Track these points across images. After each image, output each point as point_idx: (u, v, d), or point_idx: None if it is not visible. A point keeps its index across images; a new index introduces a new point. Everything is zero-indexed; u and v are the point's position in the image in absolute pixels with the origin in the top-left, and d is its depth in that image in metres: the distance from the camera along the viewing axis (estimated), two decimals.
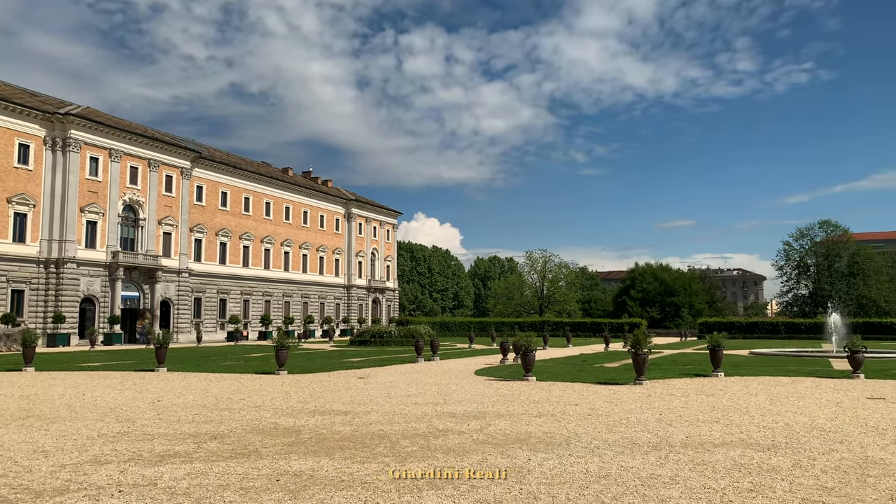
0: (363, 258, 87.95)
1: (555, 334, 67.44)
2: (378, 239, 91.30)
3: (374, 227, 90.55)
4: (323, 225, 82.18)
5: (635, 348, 18.18)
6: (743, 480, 7.05)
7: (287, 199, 76.89)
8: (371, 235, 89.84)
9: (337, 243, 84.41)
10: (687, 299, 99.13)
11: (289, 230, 76.80)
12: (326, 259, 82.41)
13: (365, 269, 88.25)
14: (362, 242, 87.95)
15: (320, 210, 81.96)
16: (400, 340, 45.03)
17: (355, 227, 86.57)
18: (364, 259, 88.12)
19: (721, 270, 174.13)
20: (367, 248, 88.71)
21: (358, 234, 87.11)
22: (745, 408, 12.95)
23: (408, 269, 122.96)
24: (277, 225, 75.15)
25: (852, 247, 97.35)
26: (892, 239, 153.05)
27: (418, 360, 27.59)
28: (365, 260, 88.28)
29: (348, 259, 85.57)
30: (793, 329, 68.49)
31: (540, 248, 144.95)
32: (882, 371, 21.43)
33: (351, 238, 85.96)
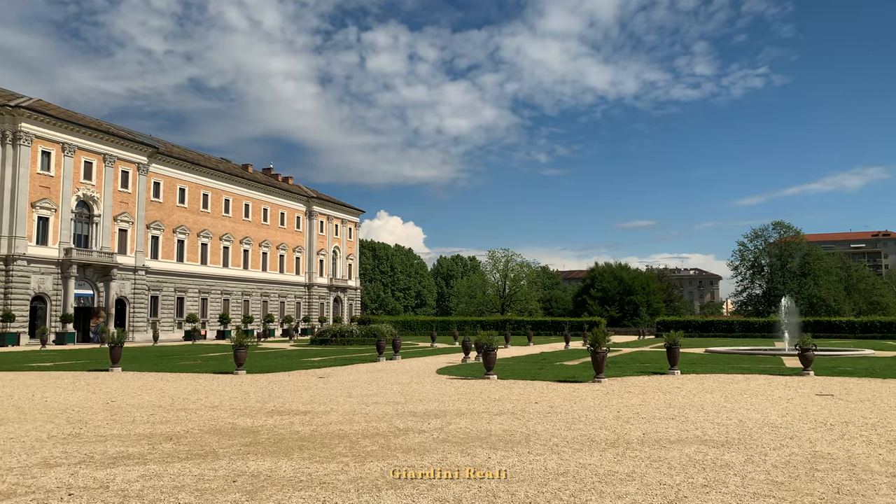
0: (325, 256, 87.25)
1: (516, 333, 67.89)
2: (340, 237, 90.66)
3: (335, 225, 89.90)
4: (283, 223, 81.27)
5: (594, 347, 18.40)
6: (697, 476, 7.19)
7: (247, 196, 75.83)
8: (333, 233, 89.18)
9: (298, 241, 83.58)
10: (645, 298, 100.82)
11: (248, 228, 75.76)
12: (287, 257, 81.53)
13: (326, 267, 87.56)
14: (324, 240, 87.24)
15: (281, 207, 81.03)
16: (361, 339, 44.82)
17: (317, 224, 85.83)
18: (325, 257, 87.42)
19: (678, 270, 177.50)
20: (328, 246, 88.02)
21: (319, 232, 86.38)
22: (700, 405, 13.21)
23: (370, 268, 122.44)
24: (237, 222, 74.07)
25: (804, 247, 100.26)
26: (841, 240, 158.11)
27: (380, 359, 27.49)
28: (326, 258, 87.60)
29: (309, 257, 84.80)
30: (747, 328, 70.15)
31: (502, 248, 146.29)
32: (831, 368, 22.09)
33: (312, 236, 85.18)
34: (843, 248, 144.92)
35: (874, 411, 12.23)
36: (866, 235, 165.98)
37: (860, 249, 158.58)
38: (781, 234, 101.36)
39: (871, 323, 67.10)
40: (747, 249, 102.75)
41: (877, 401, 13.79)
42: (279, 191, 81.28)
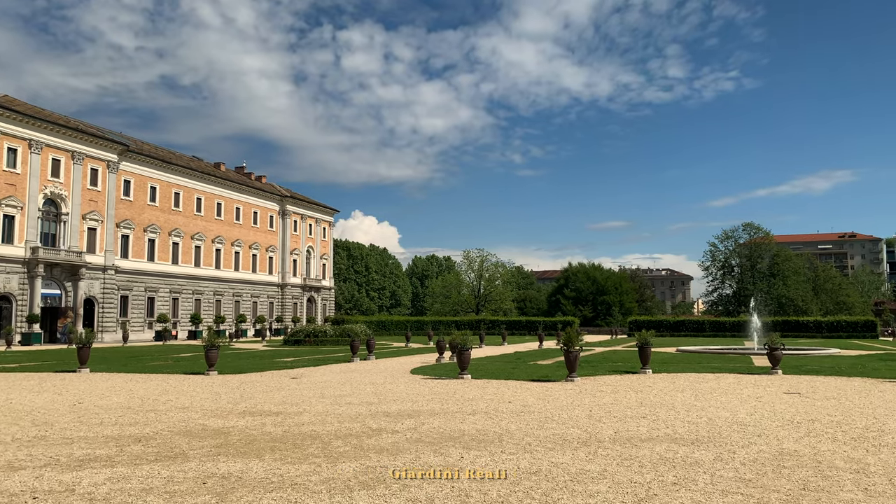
0: (298, 256, 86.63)
1: (491, 333, 68.03)
2: (314, 237, 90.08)
3: (309, 225, 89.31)
4: (256, 222, 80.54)
5: (567, 346, 18.51)
6: (668, 474, 7.27)
7: (219, 195, 75.00)
8: (307, 233, 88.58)
9: (271, 241, 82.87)
10: (618, 298, 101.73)
11: (221, 227, 74.94)
12: (260, 257, 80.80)
13: (300, 267, 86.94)
14: (297, 240, 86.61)
15: (254, 206, 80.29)
16: (335, 340, 44.60)
17: (290, 224, 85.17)
18: (299, 257, 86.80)
19: (651, 270, 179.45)
20: (302, 245, 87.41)
21: (293, 231, 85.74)
22: (671, 404, 13.36)
23: (344, 268, 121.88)
24: (209, 221, 73.21)
25: (773, 248, 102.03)
26: (809, 241, 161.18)
27: (353, 359, 27.37)
28: (300, 258, 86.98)
29: (283, 257, 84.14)
30: (718, 327, 71.11)
31: (477, 248, 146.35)
32: (798, 367, 22.49)
33: (285, 235, 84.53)
34: (811, 249, 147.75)
35: (839, 409, 12.47)
36: (833, 237, 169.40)
37: (827, 250, 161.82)
38: (751, 236, 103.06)
39: (838, 322, 68.48)
40: (718, 250, 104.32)
41: (842, 399, 14.07)
42: (252, 189, 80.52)
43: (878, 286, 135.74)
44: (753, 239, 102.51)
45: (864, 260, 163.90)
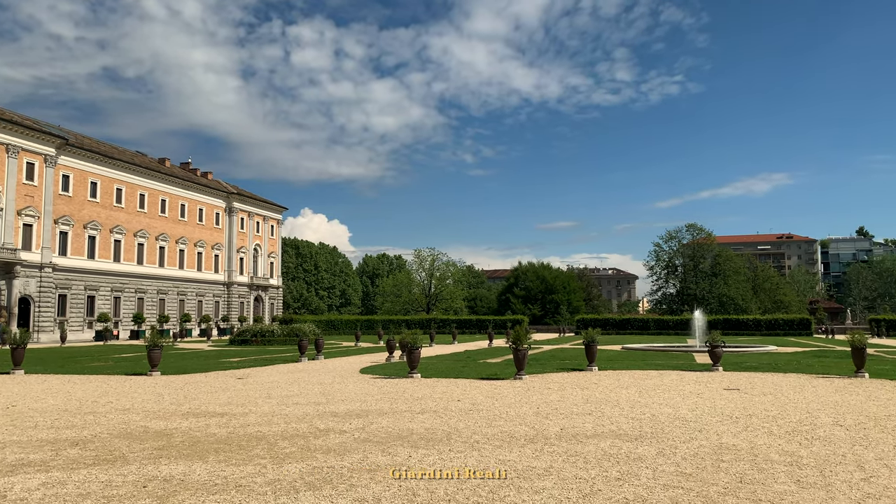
0: (245, 254, 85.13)
1: (441, 331, 68.20)
2: (261, 234, 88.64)
3: (257, 223, 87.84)
4: (202, 219, 78.79)
5: (516, 344, 18.69)
6: (612, 469, 7.41)
7: (164, 192, 73.09)
8: (254, 231, 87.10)
9: (217, 238, 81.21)
10: (566, 297, 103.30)
11: (165, 224, 73.05)
12: (205, 255, 79.08)
13: (247, 265, 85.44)
14: (244, 238, 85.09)
15: (199, 203, 78.52)
16: (283, 339, 44.01)
17: (237, 221, 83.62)
18: (246, 255, 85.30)
19: (598, 270, 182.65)
20: (249, 243, 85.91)
21: (240, 229, 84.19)
22: (616, 400, 13.62)
23: (293, 266, 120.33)
24: (152, 218, 71.28)
25: (715, 249, 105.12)
26: (749, 242, 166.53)
27: (302, 359, 27.05)
28: (247, 256, 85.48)
29: (229, 255, 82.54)
30: (662, 325, 72.87)
31: (428, 247, 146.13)
32: (738, 364, 23.21)
33: (232, 233, 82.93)
34: (751, 249, 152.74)
35: (775, 404, 12.93)
36: (771, 238, 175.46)
37: (766, 251, 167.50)
38: (694, 236, 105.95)
39: (775, 321, 71.01)
40: (662, 250, 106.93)
41: (778, 394, 14.58)
42: (198, 186, 78.74)
43: (812, 285, 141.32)
44: (696, 239, 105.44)
45: (800, 260, 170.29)
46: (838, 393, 14.76)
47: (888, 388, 15.80)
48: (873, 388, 15.62)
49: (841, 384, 16.69)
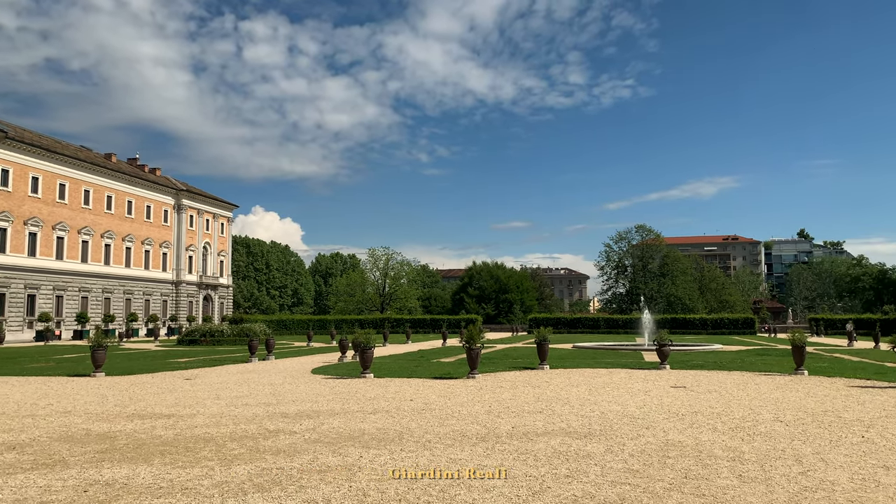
0: (194, 252, 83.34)
1: (395, 331, 68.04)
2: (211, 232, 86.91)
3: (206, 220, 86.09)
4: (149, 216, 76.81)
5: (469, 344, 18.78)
6: (561, 467, 7.51)
7: (110, 188, 70.98)
8: (203, 228, 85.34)
9: (165, 236, 79.30)
10: (519, 296, 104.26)
11: (111, 221, 70.96)
12: (153, 253, 77.14)
13: (196, 263, 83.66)
14: (193, 236, 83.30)
15: (147, 200, 76.54)
16: (233, 339, 43.27)
17: (186, 219, 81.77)
18: (195, 253, 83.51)
19: (550, 269, 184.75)
20: (198, 241, 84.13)
21: (189, 226, 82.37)
22: (566, 398, 13.81)
23: (244, 265, 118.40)
24: (98, 215, 69.15)
25: (663, 250, 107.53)
26: (696, 243, 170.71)
27: (252, 359, 26.63)
28: (196, 254, 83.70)
29: (177, 253, 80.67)
30: (612, 324, 74.19)
31: (383, 246, 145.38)
32: (685, 362, 23.79)
33: (181, 231, 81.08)
34: (698, 250, 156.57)
35: (720, 401, 13.29)
36: (718, 239, 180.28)
37: (712, 252, 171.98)
38: (643, 237, 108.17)
39: (721, 320, 73.05)
40: (612, 251, 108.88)
41: (722, 391, 15.00)
42: (146, 182, 76.73)
43: (756, 286, 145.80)
44: (645, 240, 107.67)
45: (744, 261, 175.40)
46: (779, 390, 15.25)
47: (826, 384, 16.41)
48: (812, 385, 16.19)
49: (782, 381, 17.25)
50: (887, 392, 14.71)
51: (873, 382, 16.79)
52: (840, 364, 23.15)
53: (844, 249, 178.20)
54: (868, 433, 9.59)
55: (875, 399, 13.49)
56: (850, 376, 18.34)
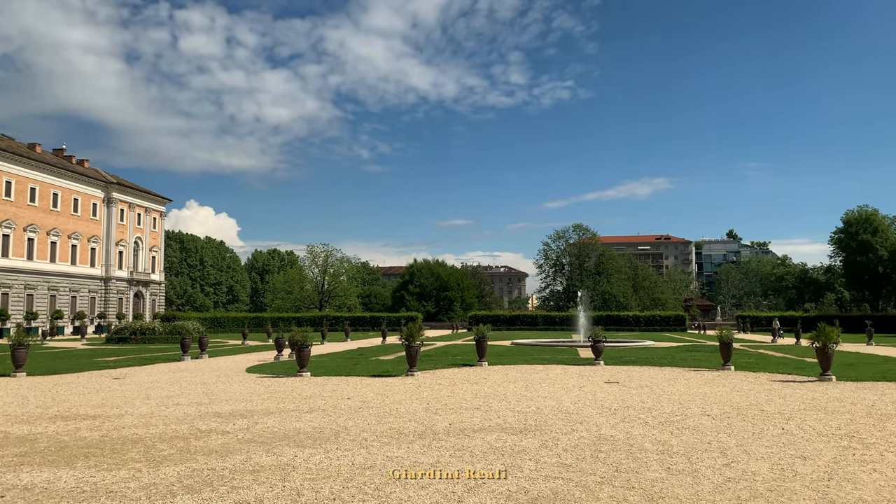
0: (125, 247, 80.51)
1: (334, 329, 67.39)
2: (143, 227, 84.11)
3: (138, 214, 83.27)
4: (77, 209, 73.75)
5: (408, 341, 18.76)
6: (496, 462, 7.58)
7: (33, 179, 67.79)
8: (135, 223, 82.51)
9: (94, 230, 76.30)
10: (460, 294, 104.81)
11: (35, 214, 67.81)
12: (80, 247, 74.12)
13: (126, 259, 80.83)
14: (124, 230, 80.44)
15: (74, 193, 73.45)
16: (165, 338, 42.03)
17: (116, 213, 78.87)
18: (126, 248, 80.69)
19: (490, 267, 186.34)
20: (129, 236, 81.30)
21: (119, 220, 79.48)
22: (503, 394, 13.96)
23: (177, 261, 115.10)
24: (20, 207, 65.98)
25: (599, 248, 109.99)
26: (630, 242, 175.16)
27: (184, 358, 25.92)
28: (127, 249, 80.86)
29: (107, 248, 77.76)
30: (549, 321, 75.42)
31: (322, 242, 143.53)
32: (618, 358, 24.38)
33: (111, 225, 78.16)
34: (632, 249, 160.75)
35: (651, 396, 13.68)
36: (651, 239, 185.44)
37: (646, 251, 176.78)
38: (580, 236, 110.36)
39: (654, 317, 75.23)
40: (551, 249, 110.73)
41: (654, 387, 15.44)
42: (73, 174, 73.62)
43: (687, 284, 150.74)
44: (582, 239, 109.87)
45: (676, 260, 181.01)
46: (707, 385, 15.81)
47: (751, 379, 17.10)
48: (738, 380, 16.84)
49: (710, 376, 17.88)
50: (806, 386, 15.43)
51: (794, 377, 17.59)
52: (764, 360, 24.15)
53: (770, 250, 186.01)
54: (788, 425, 10.03)
55: (795, 393, 14.13)
56: (773, 371, 19.16)
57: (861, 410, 11.53)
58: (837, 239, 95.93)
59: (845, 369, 19.14)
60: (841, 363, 20.81)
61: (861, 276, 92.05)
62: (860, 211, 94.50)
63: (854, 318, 61.83)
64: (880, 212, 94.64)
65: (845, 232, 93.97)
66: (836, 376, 16.73)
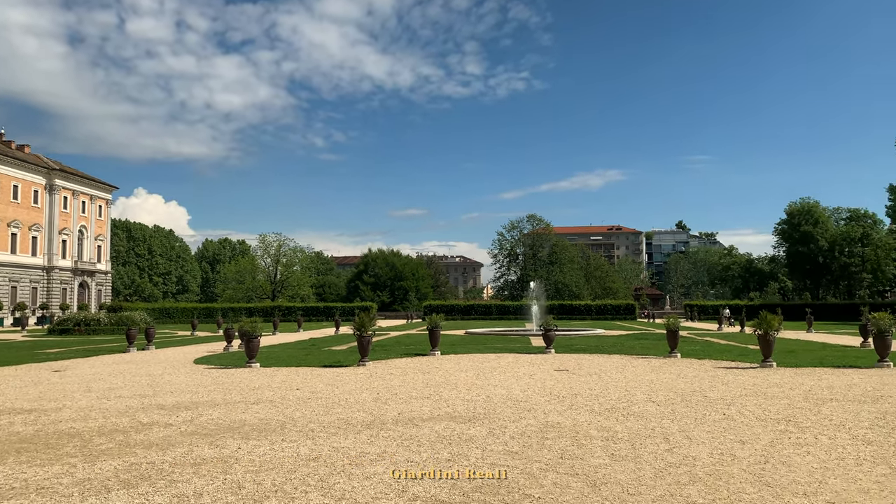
0: (69, 236, 77.95)
1: (287, 319, 66.59)
2: (88, 215, 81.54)
3: (82, 202, 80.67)
4: (17, 196, 71.00)
5: (360, 331, 18.63)
6: (443, 451, 7.57)
7: None
8: (79, 211, 79.92)
9: (35, 218, 73.61)
10: (415, 284, 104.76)
11: None
12: (21, 236, 71.44)
13: (70, 248, 78.30)
14: (68, 218, 77.85)
15: (14, 179, 70.68)
16: (111, 329, 40.93)
17: (59, 200, 76.24)
18: (70, 237, 78.13)
19: (446, 257, 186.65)
20: (73, 224, 78.74)
21: (62, 208, 76.87)
22: (454, 383, 13.98)
23: (124, 250, 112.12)
24: None
25: (552, 239, 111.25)
26: (583, 233, 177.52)
27: (130, 349, 25.26)
28: (71, 238, 78.32)
29: (49, 237, 75.17)
30: (503, 311, 75.97)
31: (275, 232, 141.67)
32: (569, 346, 24.70)
33: (53, 213, 75.52)
34: (585, 239, 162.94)
35: (599, 383, 13.88)
36: (603, 229, 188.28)
37: (598, 241, 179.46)
38: (534, 226, 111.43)
39: (605, 306, 76.52)
40: (505, 239, 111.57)
41: (602, 374, 15.67)
42: (12, 160, 70.78)
43: (637, 274, 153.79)
44: (536, 230, 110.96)
45: (627, 250, 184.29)
46: (654, 372, 16.12)
47: (696, 366, 17.51)
48: (683, 367, 17.23)
49: (657, 364, 18.25)
50: (748, 372, 15.87)
51: (737, 364, 18.08)
52: (710, 347, 24.77)
53: (717, 240, 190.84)
54: (729, 410, 10.29)
55: (737, 379, 14.52)
56: (717, 358, 19.67)
57: (798, 395, 11.91)
58: (781, 230, 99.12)
59: (786, 356, 19.76)
60: (782, 350, 21.48)
61: (803, 266, 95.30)
62: (803, 203, 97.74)
63: (795, 307, 63.94)
64: (821, 204, 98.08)
65: (788, 223, 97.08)
66: (776, 363, 17.25)
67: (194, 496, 5.87)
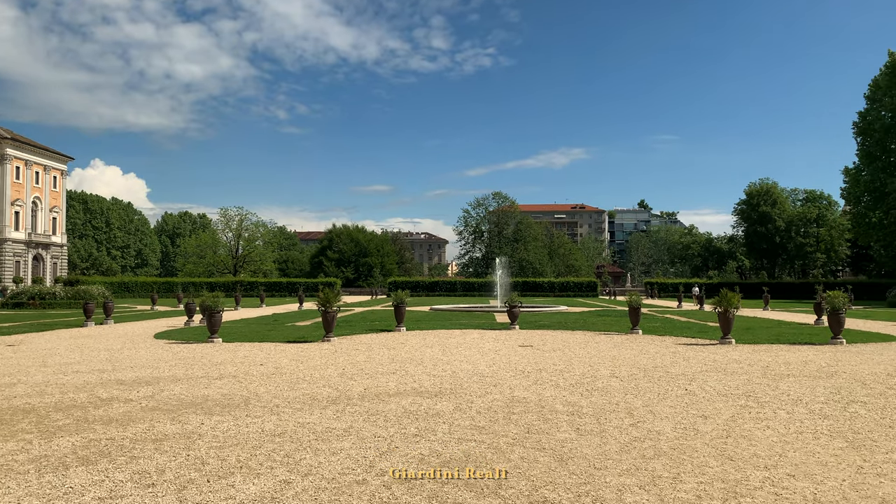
0: (22, 208, 75.58)
1: (249, 294, 65.91)
2: (42, 186, 79.09)
3: (36, 172, 78.16)
4: None
5: (325, 306, 18.47)
6: (410, 426, 7.55)
7: None
8: (33, 182, 77.46)
9: None
10: (380, 260, 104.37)
11: None
12: None
13: (24, 220, 75.97)
14: (21, 189, 75.42)
15: None
16: (67, 303, 39.97)
17: (11, 170, 73.75)
18: (23, 209, 75.77)
19: (411, 234, 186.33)
20: (27, 196, 76.32)
21: (15, 179, 74.40)
22: (420, 359, 13.97)
23: (80, 223, 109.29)
24: None
25: (517, 216, 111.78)
26: (547, 211, 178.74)
27: (88, 323, 24.67)
28: (24, 210, 75.95)
29: (1, 208, 72.79)
30: (468, 287, 76.28)
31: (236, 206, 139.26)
32: (533, 322, 24.89)
33: (5, 183, 73.06)
34: (549, 217, 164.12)
35: (563, 359, 14.01)
36: (567, 207, 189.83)
37: (562, 220, 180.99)
38: (499, 204, 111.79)
39: (568, 283, 77.37)
40: (470, 216, 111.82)
41: (566, 350, 15.83)
42: None
43: (600, 251, 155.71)
44: (501, 207, 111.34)
45: (590, 229, 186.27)
46: (616, 348, 16.34)
47: (657, 342, 17.80)
48: (645, 343, 17.50)
49: (619, 340, 18.51)
50: (708, 349, 16.19)
51: (697, 340, 18.44)
52: (670, 324, 25.22)
53: (678, 220, 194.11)
54: (691, 386, 10.48)
55: (698, 355, 14.80)
56: (678, 335, 20.02)
57: (757, 371, 12.18)
58: (740, 210, 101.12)
59: (744, 333, 20.21)
60: (740, 327, 21.97)
61: (760, 245, 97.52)
62: (762, 183, 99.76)
63: (753, 285, 65.48)
64: (780, 185, 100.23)
65: (747, 203, 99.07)
66: (735, 339, 17.63)
67: (156, 472, 5.74)
